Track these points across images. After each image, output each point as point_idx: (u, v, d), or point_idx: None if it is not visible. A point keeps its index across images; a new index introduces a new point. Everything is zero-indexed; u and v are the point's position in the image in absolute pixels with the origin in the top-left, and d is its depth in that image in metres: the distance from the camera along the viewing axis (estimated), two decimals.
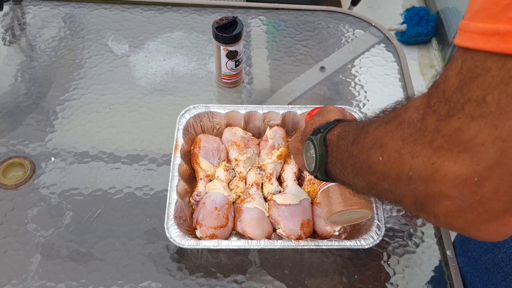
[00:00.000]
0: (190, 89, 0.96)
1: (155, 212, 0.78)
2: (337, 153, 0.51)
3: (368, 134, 0.45)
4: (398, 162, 0.39)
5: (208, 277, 0.72)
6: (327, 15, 1.12)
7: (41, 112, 0.91)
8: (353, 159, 0.47)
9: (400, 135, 0.39)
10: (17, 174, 0.82)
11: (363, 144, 0.45)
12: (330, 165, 0.53)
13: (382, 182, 0.42)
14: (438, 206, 0.37)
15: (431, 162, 0.36)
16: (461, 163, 0.34)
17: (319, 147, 0.53)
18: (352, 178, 0.48)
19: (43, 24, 1.07)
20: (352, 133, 0.49)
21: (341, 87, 0.98)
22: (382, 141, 0.42)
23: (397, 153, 0.39)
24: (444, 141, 0.35)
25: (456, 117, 0.34)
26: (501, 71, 0.32)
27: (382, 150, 0.41)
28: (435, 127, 0.36)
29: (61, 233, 0.75)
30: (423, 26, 2.17)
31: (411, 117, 0.39)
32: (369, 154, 0.43)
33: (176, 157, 0.77)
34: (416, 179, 0.37)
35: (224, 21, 0.87)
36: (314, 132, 0.56)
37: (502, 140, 0.32)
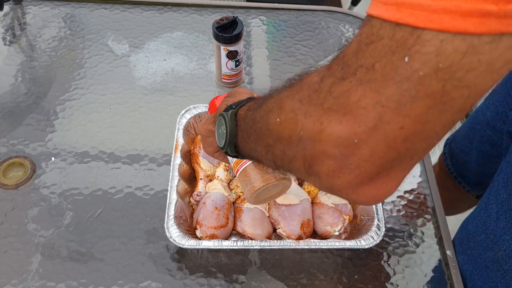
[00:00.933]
0: (190, 89, 0.96)
1: (155, 212, 0.78)
2: (244, 124, 0.51)
3: (271, 99, 0.46)
4: (292, 122, 0.40)
5: (208, 277, 0.72)
6: (327, 15, 1.12)
7: (41, 112, 0.91)
8: (256, 125, 0.47)
9: (299, 97, 0.40)
10: (17, 174, 0.82)
11: (265, 108, 0.46)
12: (238, 139, 0.53)
13: (277, 143, 0.43)
14: (322, 166, 0.38)
15: (320, 121, 0.37)
16: (345, 124, 0.35)
17: (229, 122, 0.53)
18: (254, 145, 0.48)
19: (44, 24, 1.07)
20: (258, 103, 0.50)
21: None
22: (281, 103, 0.43)
23: (293, 113, 0.40)
24: (334, 103, 0.36)
25: (348, 81, 0.35)
26: (390, 40, 0.33)
27: (280, 111, 0.42)
28: (329, 88, 0.37)
29: (61, 233, 0.76)
30: None
31: (312, 80, 0.40)
32: (269, 117, 0.44)
33: (176, 157, 0.77)
34: (306, 138, 0.38)
35: (224, 21, 0.87)
36: (226, 109, 0.55)
37: (382, 105, 0.34)
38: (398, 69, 0.33)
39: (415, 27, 0.32)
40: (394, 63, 0.33)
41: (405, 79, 0.33)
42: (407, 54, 0.32)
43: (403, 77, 0.33)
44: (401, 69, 0.33)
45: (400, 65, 0.33)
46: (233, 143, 0.53)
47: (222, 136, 0.54)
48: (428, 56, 0.31)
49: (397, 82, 0.33)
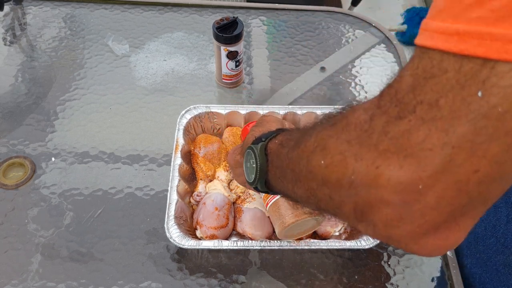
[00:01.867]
0: (191, 89, 0.96)
1: (156, 212, 0.78)
2: (278, 160, 0.48)
3: (310, 137, 0.42)
4: (341, 165, 0.36)
5: (208, 277, 0.72)
6: (327, 15, 1.12)
7: (41, 112, 0.91)
8: (293, 165, 0.44)
9: (345, 137, 0.37)
10: (17, 174, 0.82)
11: (304, 148, 0.42)
12: (270, 175, 0.50)
13: (322, 187, 0.39)
14: (378, 214, 0.34)
15: (375, 165, 0.33)
16: (406, 168, 0.32)
17: (259, 156, 0.50)
18: (292, 186, 0.45)
19: (44, 24, 1.07)
20: (294, 139, 0.46)
21: (341, 88, 0.98)
22: (325, 143, 0.39)
23: (341, 156, 0.36)
24: (391, 144, 0.33)
25: (406, 120, 0.32)
26: (457, 73, 0.30)
27: (325, 153, 0.38)
28: (383, 128, 0.34)
29: (62, 233, 0.76)
30: None
31: (359, 118, 0.36)
32: (310, 158, 0.40)
33: (177, 157, 0.77)
34: (358, 183, 0.35)
35: (225, 22, 0.87)
36: (255, 142, 0.53)
37: (452, 146, 0.30)
38: (470, 105, 0.29)
39: (486, 59, 0.29)
40: (465, 99, 0.29)
41: (481, 116, 0.29)
42: (481, 88, 0.29)
43: (478, 114, 0.29)
44: (474, 105, 0.29)
45: (472, 101, 0.29)
46: (263, 178, 0.50)
47: (251, 171, 0.52)
48: (508, 90, 0.28)
49: (471, 120, 0.29)
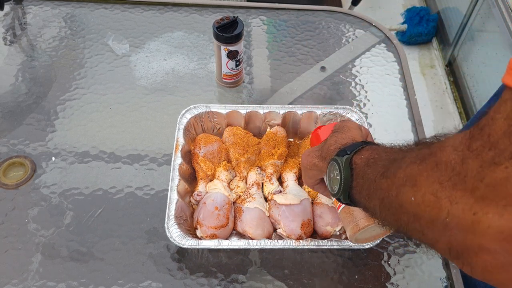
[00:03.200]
0: (191, 89, 0.96)
1: (156, 211, 0.78)
2: (364, 181, 0.49)
3: (400, 170, 0.42)
4: (434, 206, 0.37)
5: (208, 277, 0.72)
6: (327, 15, 1.12)
7: (41, 112, 0.91)
8: (382, 193, 0.45)
9: (437, 177, 0.37)
10: (17, 174, 0.82)
11: (393, 179, 0.43)
12: (354, 191, 0.51)
13: (414, 222, 0.40)
14: (476, 259, 0.34)
15: (473, 211, 0.33)
16: (508, 218, 0.31)
17: (344, 170, 0.51)
18: (379, 212, 0.46)
19: (44, 24, 1.07)
20: (381, 163, 0.47)
21: (341, 87, 0.98)
22: (415, 180, 0.39)
23: (434, 196, 0.37)
24: (488, 191, 0.32)
25: (503, 166, 0.32)
26: None
27: (415, 190, 0.39)
28: (478, 173, 0.33)
29: (62, 232, 0.76)
30: (423, 26, 2.17)
31: (449, 158, 0.36)
32: (400, 192, 0.41)
33: (177, 157, 0.77)
34: (453, 226, 0.35)
35: (225, 21, 0.87)
36: (340, 153, 0.53)
37: None
38: None
39: None
40: None
41: None
42: None
43: None
44: None
45: None
46: (347, 191, 0.51)
47: (335, 182, 0.53)
48: None
49: None
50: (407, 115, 0.94)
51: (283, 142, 0.82)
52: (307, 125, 0.85)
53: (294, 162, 0.81)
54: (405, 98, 0.97)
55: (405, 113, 0.94)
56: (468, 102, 1.93)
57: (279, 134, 0.82)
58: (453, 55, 2.08)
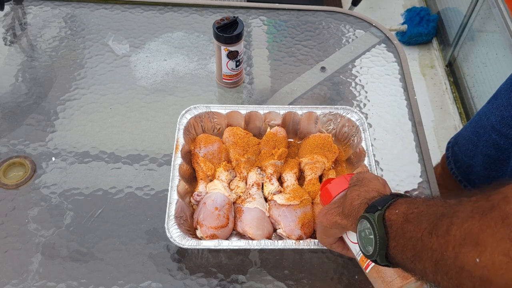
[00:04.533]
0: (191, 89, 0.96)
1: (156, 212, 0.78)
2: (405, 240, 0.44)
3: (454, 226, 0.38)
4: (508, 268, 0.33)
5: (208, 277, 0.72)
6: (327, 15, 1.12)
7: (42, 112, 0.91)
8: (434, 255, 0.40)
9: (506, 234, 0.33)
10: (17, 174, 0.82)
11: (447, 237, 0.38)
12: (394, 251, 0.46)
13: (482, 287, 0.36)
14: None
15: None
16: None
17: (378, 228, 0.46)
18: (432, 275, 0.41)
19: (44, 24, 1.07)
20: (425, 218, 0.43)
21: (341, 87, 0.98)
22: (478, 238, 0.35)
23: (506, 257, 0.33)
24: None
25: None
26: None
27: (480, 251, 0.35)
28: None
29: (62, 233, 0.76)
30: (423, 26, 2.17)
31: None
32: (459, 252, 0.37)
33: (177, 157, 0.77)
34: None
35: (225, 21, 0.87)
36: (369, 209, 0.49)
37: None
38: None
39: None
40: None
41: None
42: None
43: None
44: None
45: None
46: (384, 251, 0.47)
47: (368, 242, 0.48)
48: None
49: None
50: (407, 115, 0.94)
51: (283, 142, 0.82)
52: (307, 125, 0.85)
53: (294, 162, 0.81)
54: (405, 99, 0.97)
55: (405, 113, 0.94)
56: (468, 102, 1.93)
57: (279, 134, 0.82)
58: (453, 56, 2.08)
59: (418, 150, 0.89)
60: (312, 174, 0.79)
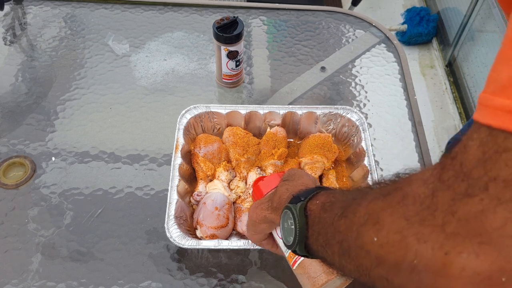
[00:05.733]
0: (191, 89, 0.96)
1: (156, 212, 0.78)
2: (320, 226, 0.44)
3: (360, 207, 0.38)
4: (399, 246, 0.32)
5: (208, 277, 0.72)
6: (327, 15, 1.12)
7: (41, 112, 0.91)
8: (340, 236, 0.40)
9: (402, 212, 0.33)
10: (17, 174, 0.82)
11: (353, 218, 0.38)
12: (311, 240, 0.46)
13: (377, 267, 0.35)
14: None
15: (444, 251, 0.30)
16: (484, 257, 0.28)
17: (299, 218, 0.46)
18: (339, 259, 0.41)
19: (44, 24, 1.07)
20: (339, 204, 0.43)
21: (341, 87, 0.98)
22: (378, 217, 0.35)
23: (399, 235, 0.33)
24: (461, 226, 0.29)
25: (478, 198, 0.29)
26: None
27: (378, 228, 0.35)
28: (449, 207, 0.30)
29: (62, 232, 0.76)
30: (423, 26, 2.17)
31: (418, 192, 0.33)
32: (361, 232, 0.36)
33: (177, 157, 0.77)
34: (422, 269, 0.31)
35: (225, 21, 0.87)
36: (293, 200, 0.49)
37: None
38: None
39: None
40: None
41: None
42: None
43: None
44: None
45: None
46: (303, 242, 0.46)
47: (289, 233, 0.48)
48: None
49: None
50: (407, 115, 0.94)
51: (283, 142, 0.82)
52: (307, 125, 0.85)
53: (294, 162, 0.81)
54: (405, 99, 0.97)
55: (405, 113, 0.94)
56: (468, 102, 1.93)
57: (279, 134, 0.82)
58: (453, 56, 2.08)
59: (418, 150, 0.89)
60: (312, 174, 0.79)
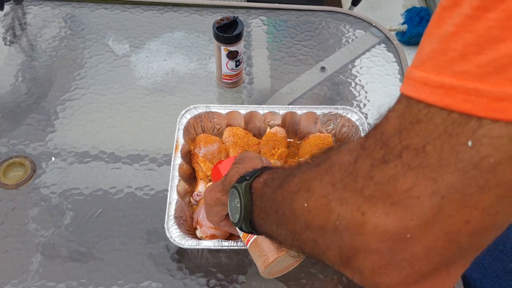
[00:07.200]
0: (191, 89, 0.96)
1: (156, 212, 0.78)
2: (262, 201, 0.46)
3: (295, 178, 0.40)
4: (325, 209, 0.35)
5: (208, 277, 0.72)
6: (327, 15, 1.12)
7: (41, 112, 0.91)
8: (276, 205, 0.42)
9: (329, 179, 0.35)
10: (17, 174, 0.82)
11: (288, 188, 0.40)
12: (254, 215, 0.48)
13: (306, 231, 0.37)
14: (365, 261, 0.33)
15: (361, 211, 0.32)
16: (393, 216, 0.30)
17: (244, 196, 0.48)
18: (276, 228, 0.43)
19: (44, 24, 1.07)
20: (278, 179, 0.44)
21: (341, 88, 0.98)
22: (309, 185, 0.37)
23: (325, 199, 0.35)
24: (376, 189, 0.32)
25: (392, 164, 0.31)
26: (445, 121, 0.29)
27: (308, 195, 0.37)
28: (368, 172, 0.32)
29: (62, 233, 0.76)
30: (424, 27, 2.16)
31: (343, 160, 0.35)
32: (294, 199, 0.39)
33: (177, 157, 0.77)
34: (342, 229, 0.33)
35: (225, 21, 0.87)
36: (240, 180, 0.51)
37: (441, 195, 0.29)
38: (459, 154, 0.28)
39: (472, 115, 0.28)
40: (454, 147, 0.28)
41: (471, 166, 0.28)
42: (470, 138, 0.28)
43: (467, 164, 0.28)
44: (463, 155, 0.28)
45: (461, 150, 0.28)
46: (248, 218, 0.48)
47: (235, 211, 0.50)
48: (500, 141, 0.27)
49: (460, 169, 0.28)
50: None
51: (283, 142, 0.82)
52: (307, 125, 0.85)
53: (294, 163, 0.81)
54: None
55: None
56: None
57: (279, 134, 0.82)
58: None
59: None
60: None
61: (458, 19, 0.29)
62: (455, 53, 0.29)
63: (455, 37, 0.29)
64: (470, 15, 0.28)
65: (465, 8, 0.28)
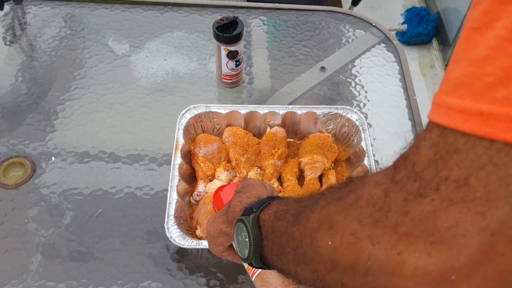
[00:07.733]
0: (191, 89, 0.96)
1: (156, 212, 0.78)
2: (274, 236, 0.44)
3: (313, 213, 0.37)
4: (353, 248, 0.32)
5: (208, 277, 0.72)
6: (327, 15, 1.12)
7: (41, 112, 0.91)
8: (294, 243, 0.39)
9: (356, 215, 0.33)
10: (17, 174, 0.82)
11: (306, 224, 0.38)
12: (266, 250, 0.45)
13: (332, 271, 0.35)
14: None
15: (397, 251, 0.29)
16: (436, 257, 0.28)
17: (252, 230, 0.45)
18: (294, 266, 0.40)
19: (44, 23, 1.07)
20: (291, 212, 0.42)
21: (341, 87, 0.98)
22: (332, 221, 0.35)
23: (353, 237, 0.32)
24: (413, 227, 0.29)
25: (429, 199, 0.29)
26: (488, 150, 0.27)
27: (332, 233, 0.34)
28: (402, 207, 0.30)
29: (62, 232, 0.76)
30: (423, 26, 2.17)
31: (371, 193, 0.32)
32: (315, 237, 0.36)
33: (177, 157, 0.77)
34: (376, 270, 0.31)
35: (225, 21, 0.87)
36: (246, 212, 0.48)
37: (491, 232, 0.27)
38: (509, 187, 0.26)
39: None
40: (503, 179, 0.26)
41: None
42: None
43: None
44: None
45: (511, 182, 0.26)
46: (258, 253, 0.46)
47: (244, 246, 0.47)
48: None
49: (511, 203, 0.26)
50: (407, 116, 0.94)
51: (283, 142, 0.82)
52: (307, 125, 0.85)
53: (294, 162, 0.81)
54: (405, 99, 0.97)
55: (405, 114, 0.94)
56: None
57: (279, 134, 0.82)
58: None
59: None
60: (312, 174, 0.79)
61: (493, 42, 0.27)
62: (492, 78, 0.27)
63: (492, 61, 0.27)
64: (507, 37, 0.26)
65: (500, 30, 0.27)
